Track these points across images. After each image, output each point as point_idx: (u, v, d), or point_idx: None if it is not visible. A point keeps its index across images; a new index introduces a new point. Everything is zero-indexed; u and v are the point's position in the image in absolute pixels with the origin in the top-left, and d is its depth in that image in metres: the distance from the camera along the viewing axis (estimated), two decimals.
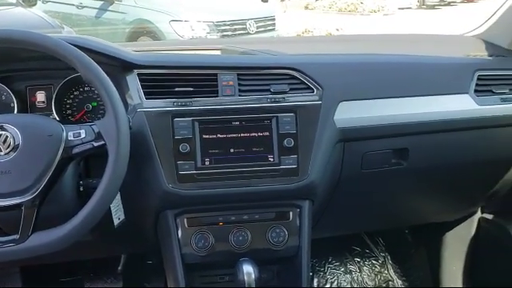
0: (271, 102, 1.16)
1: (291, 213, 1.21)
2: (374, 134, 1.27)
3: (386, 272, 2.04)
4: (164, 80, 1.15)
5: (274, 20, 6.22)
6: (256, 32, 5.77)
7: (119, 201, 1.11)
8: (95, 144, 0.94)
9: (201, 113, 1.13)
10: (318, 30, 7.41)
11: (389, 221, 1.69)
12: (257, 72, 1.21)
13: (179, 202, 1.14)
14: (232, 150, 1.14)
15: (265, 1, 7.33)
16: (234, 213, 1.18)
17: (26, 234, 0.89)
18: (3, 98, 1.19)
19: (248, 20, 5.74)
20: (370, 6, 11.44)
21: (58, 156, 0.92)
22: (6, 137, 0.91)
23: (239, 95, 1.16)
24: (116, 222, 1.11)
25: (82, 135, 0.95)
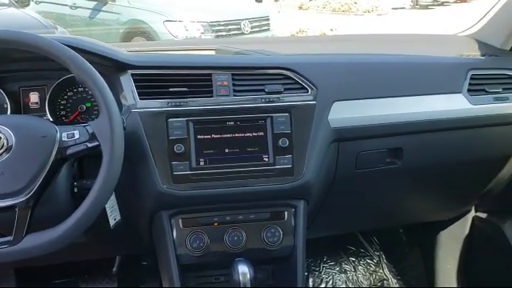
0: (266, 102, 1.16)
1: (286, 213, 1.21)
2: (368, 134, 1.27)
3: (380, 271, 2.04)
4: (158, 80, 1.15)
5: (268, 20, 6.22)
6: (250, 32, 5.77)
7: (114, 201, 1.11)
8: (89, 145, 0.94)
9: (195, 113, 1.13)
10: (312, 30, 7.42)
11: (383, 220, 1.70)
12: (251, 72, 1.21)
13: (174, 203, 1.14)
14: (227, 151, 1.14)
15: (259, 1, 7.33)
16: (228, 213, 1.18)
17: (20, 236, 0.88)
18: None
19: (242, 20, 5.73)
20: (364, 6, 11.47)
21: (52, 157, 0.91)
22: None
23: (234, 95, 1.16)
24: (112, 222, 1.11)
25: (76, 136, 0.94)
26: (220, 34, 5.53)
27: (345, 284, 1.97)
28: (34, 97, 1.20)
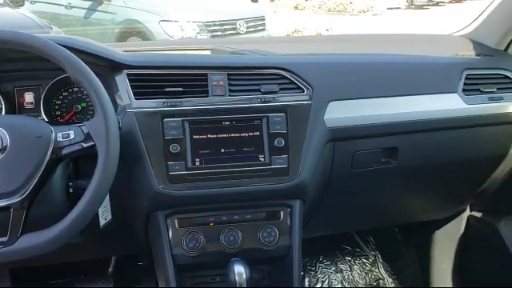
0: (261, 102, 1.16)
1: (282, 212, 1.21)
2: (363, 134, 1.28)
3: (376, 270, 2.05)
4: (154, 80, 1.15)
5: (263, 20, 6.22)
6: (246, 32, 5.77)
7: (107, 201, 1.11)
8: (84, 145, 0.94)
9: (191, 113, 1.13)
10: (307, 30, 7.43)
11: (379, 219, 1.70)
12: (247, 72, 1.21)
13: (170, 203, 1.14)
14: (223, 150, 1.14)
15: (255, 1, 7.32)
16: (224, 213, 1.18)
17: (15, 236, 0.88)
18: None
19: (238, 20, 5.73)
20: (359, 6, 11.50)
21: (47, 157, 0.91)
22: None
23: (229, 95, 1.16)
24: (102, 222, 1.11)
25: (71, 136, 0.94)
26: (216, 34, 5.52)
27: (341, 283, 1.98)
28: (28, 97, 1.19)
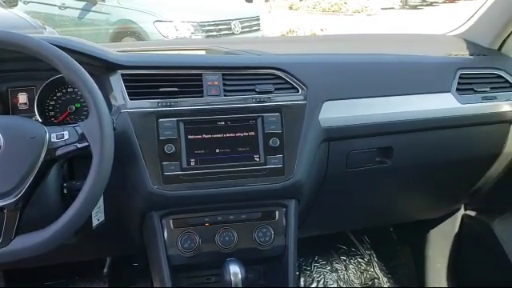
0: (256, 102, 1.17)
1: (277, 212, 1.21)
2: (358, 133, 1.28)
3: (371, 270, 2.05)
4: (148, 80, 1.15)
5: (258, 20, 6.23)
6: (241, 32, 5.77)
7: (101, 202, 1.10)
8: (79, 145, 0.93)
9: (186, 113, 1.13)
10: (302, 30, 7.45)
11: (374, 219, 1.70)
12: (242, 72, 1.21)
13: (165, 203, 1.14)
14: (218, 151, 1.14)
15: (249, 1, 7.34)
16: (220, 213, 1.18)
17: (9, 238, 0.87)
18: None
19: (233, 20, 5.73)
20: (354, 7, 11.53)
21: (41, 158, 0.91)
22: None
23: (224, 95, 1.16)
24: (95, 223, 1.10)
25: (66, 137, 0.93)
26: (210, 34, 5.52)
27: (336, 283, 1.98)
28: (22, 97, 1.19)
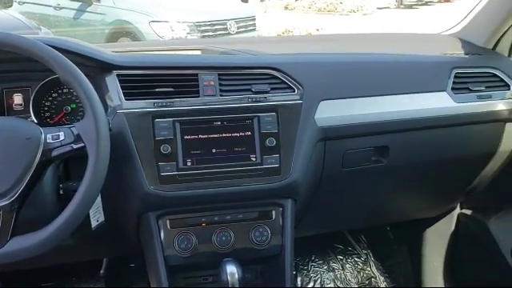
0: (252, 102, 1.17)
1: (274, 212, 1.21)
2: (354, 133, 1.28)
3: (368, 269, 2.06)
4: (144, 81, 1.14)
5: (254, 20, 6.22)
6: (236, 32, 5.77)
7: (99, 203, 1.10)
8: (75, 146, 0.93)
9: (182, 113, 1.12)
10: (298, 29, 7.45)
11: (370, 218, 1.71)
12: (238, 72, 1.21)
13: (161, 204, 1.14)
14: (214, 151, 1.14)
15: (245, 1, 7.34)
16: (216, 213, 1.18)
17: (5, 239, 0.87)
18: None
19: (228, 20, 5.73)
20: (349, 6, 11.54)
21: (37, 159, 0.90)
22: None
23: (220, 95, 1.16)
24: (94, 224, 1.10)
25: (61, 137, 0.93)
26: (206, 34, 5.52)
27: (333, 282, 1.98)
28: (17, 98, 1.18)
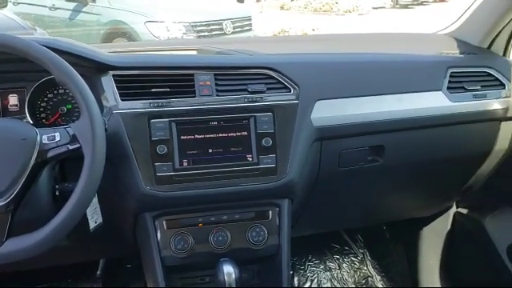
0: (249, 102, 1.17)
1: (271, 212, 1.21)
2: (350, 132, 1.28)
3: (365, 268, 2.06)
4: (140, 81, 1.14)
5: (250, 20, 6.22)
6: (232, 32, 5.76)
7: (96, 204, 1.10)
8: (70, 147, 0.93)
9: (178, 113, 1.12)
10: (293, 29, 7.46)
11: (367, 217, 1.71)
12: (234, 72, 1.21)
13: (157, 204, 1.13)
14: (210, 151, 1.14)
15: (241, 1, 7.33)
16: (213, 213, 1.18)
17: (1, 240, 0.87)
18: None
19: (224, 20, 5.72)
20: (345, 6, 11.58)
21: (33, 160, 0.90)
22: None
23: (217, 95, 1.16)
24: (92, 225, 1.09)
25: (57, 138, 0.93)
26: (202, 34, 5.51)
27: (330, 282, 1.99)
28: (13, 99, 1.18)
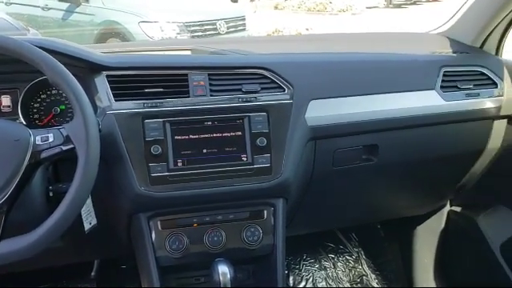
0: (243, 102, 1.17)
1: (265, 211, 1.22)
2: (344, 132, 1.29)
3: (359, 267, 2.07)
4: (133, 81, 1.14)
5: (244, 20, 6.21)
6: (226, 32, 5.76)
7: (90, 205, 1.10)
8: (64, 148, 0.92)
9: (172, 114, 1.12)
10: (287, 29, 7.46)
11: (361, 216, 1.72)
12: (228, 72, 1.21)
13: (152, 205, 1.13)
14: (205, 151, 1.14)
15: (234, 1, 7.32)
16: (208, 213, 1.18)
17: None
18: None
19: (218, 20, 5.72)
20: (339, 6, 11.60)
21: (26, 161, 0.90)
22: None
23: (211, 95, 1.16)
24: (87, 226, 1.09)
25: (50, 139, 0.92)
26: (196, 34, 5.50)
27: (325, 281, 1.99)
28: (5, 100, 1.17)
